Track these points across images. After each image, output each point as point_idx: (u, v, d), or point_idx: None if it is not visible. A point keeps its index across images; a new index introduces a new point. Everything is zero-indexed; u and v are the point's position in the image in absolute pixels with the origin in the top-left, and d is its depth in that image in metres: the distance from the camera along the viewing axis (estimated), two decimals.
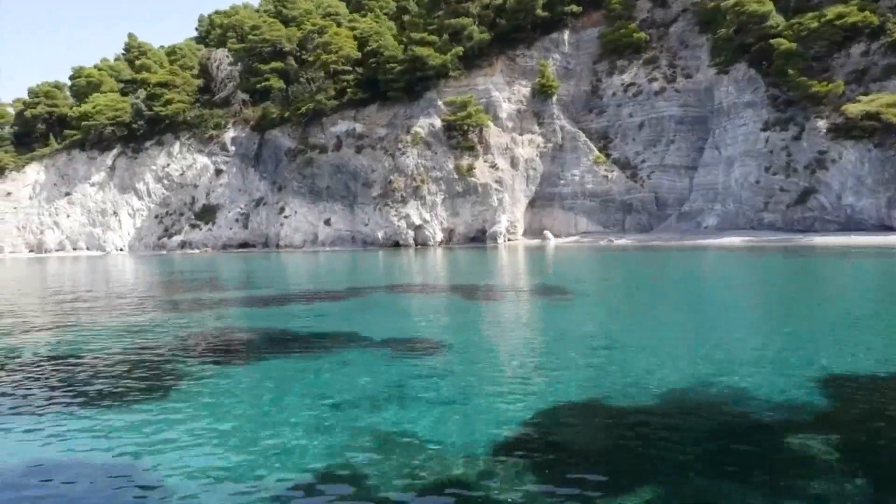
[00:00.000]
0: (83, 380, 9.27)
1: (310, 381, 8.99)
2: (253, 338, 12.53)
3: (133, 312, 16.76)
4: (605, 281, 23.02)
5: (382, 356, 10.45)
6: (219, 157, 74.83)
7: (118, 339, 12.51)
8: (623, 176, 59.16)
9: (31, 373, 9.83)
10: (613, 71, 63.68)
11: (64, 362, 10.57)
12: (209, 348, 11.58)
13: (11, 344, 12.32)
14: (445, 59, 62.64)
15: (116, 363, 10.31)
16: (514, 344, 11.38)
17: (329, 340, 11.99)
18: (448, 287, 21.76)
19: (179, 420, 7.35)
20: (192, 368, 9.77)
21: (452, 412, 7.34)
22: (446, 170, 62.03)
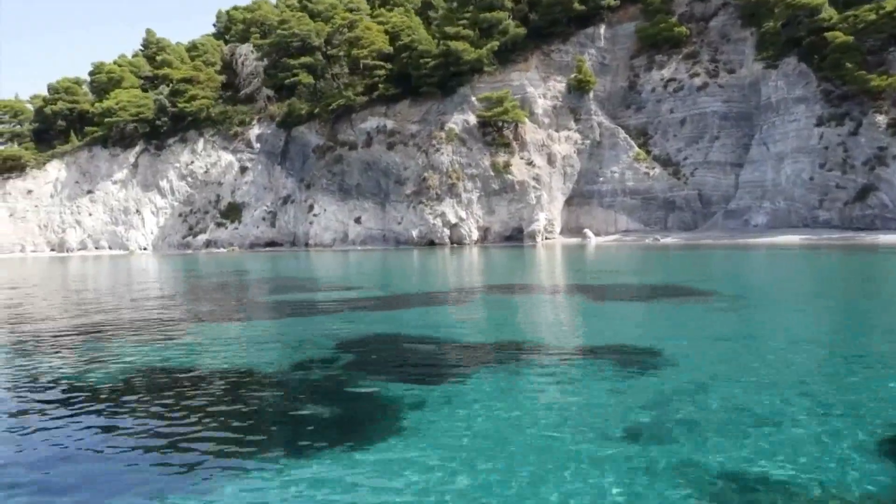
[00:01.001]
0: (276, 421, 7.70)
1: (552, 403, 7.61)
2: (432, 349, 11.12)
3: (253, 318, 15.39)
4: (726, 281, 21.58)
5: (612, 368, 9.09)
6: (244, 154, 73.44)
7: (272, 357, 11.13)
8: (665, 173, 57.82)
9: (221, 412, 8.45)
10: (652, 66, 62.32)
11: (235, 392, 9.20)
12: (391, 364, 10.20)
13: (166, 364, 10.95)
14: (481, 54, 61.27)
15: (298, 390, 8.87)
16: (741, 352, 10.01)
17: (521, 350, 10.62)
18: (562, 287, 20.33)
19: (419, 461, 5.81)
20: (391, 391, 8.35)
21: (800, 439, 5.98)
22: (482, 167, 60.67)
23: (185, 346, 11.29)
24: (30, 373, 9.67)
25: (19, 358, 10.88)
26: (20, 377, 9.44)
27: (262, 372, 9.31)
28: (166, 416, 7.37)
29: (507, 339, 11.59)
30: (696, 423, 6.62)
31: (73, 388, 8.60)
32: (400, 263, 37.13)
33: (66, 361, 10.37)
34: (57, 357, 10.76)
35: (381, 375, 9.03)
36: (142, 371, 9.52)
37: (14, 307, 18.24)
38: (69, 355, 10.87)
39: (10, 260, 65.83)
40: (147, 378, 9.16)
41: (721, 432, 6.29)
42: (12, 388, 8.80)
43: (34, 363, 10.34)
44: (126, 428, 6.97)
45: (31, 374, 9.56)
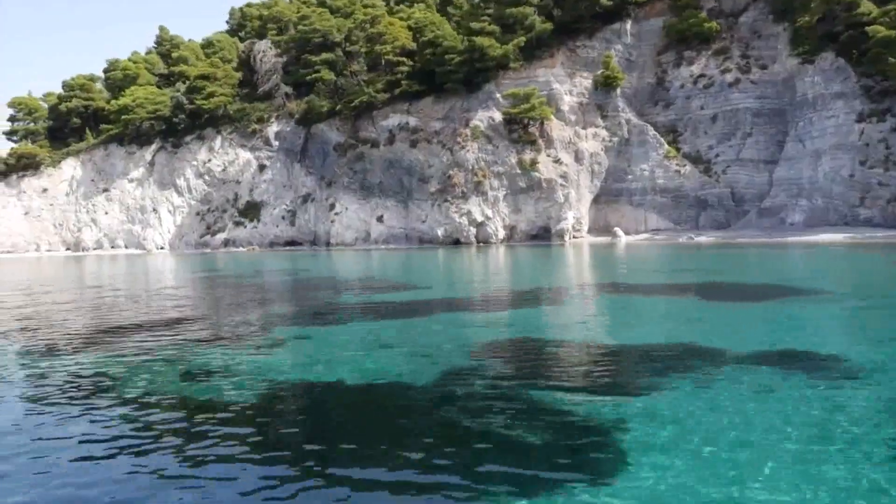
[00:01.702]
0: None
1: (775, 415, 6.65)
2: (584, 354, 10.15)
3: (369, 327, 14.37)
4: (822, 279, 20.54)
5: (810, 377, 8.12)
6: (262, 152, 72.42)
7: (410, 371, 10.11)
8: (696, 171, 56.85)
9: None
10: (681, 62, 61.34)
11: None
12: (555, 372, 9.21)
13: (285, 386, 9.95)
14: (507, 50, 60.27)
15: (473, 406, 7.88)
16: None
17: (690, 356, 9.63)
18: (654, 286, 19.29)
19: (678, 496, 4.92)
20: (582, 406, 7.37)
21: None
22: (508, 164, 59.65)
23: (299, 355, 10.28)
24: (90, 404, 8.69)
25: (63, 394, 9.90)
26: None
27: (413, 384, 8.29)
28: (324, 431, 6.40)
29: (659, 342, 10.60)
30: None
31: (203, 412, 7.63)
32: (442, 262, 36.15)
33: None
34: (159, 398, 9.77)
35: (556, 386, 8.05)
36: (257, 379, 8.52)
37: (27, 324, 17.18)
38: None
39: (25, 259, 64.85)
40: (272, 391, 8.16)
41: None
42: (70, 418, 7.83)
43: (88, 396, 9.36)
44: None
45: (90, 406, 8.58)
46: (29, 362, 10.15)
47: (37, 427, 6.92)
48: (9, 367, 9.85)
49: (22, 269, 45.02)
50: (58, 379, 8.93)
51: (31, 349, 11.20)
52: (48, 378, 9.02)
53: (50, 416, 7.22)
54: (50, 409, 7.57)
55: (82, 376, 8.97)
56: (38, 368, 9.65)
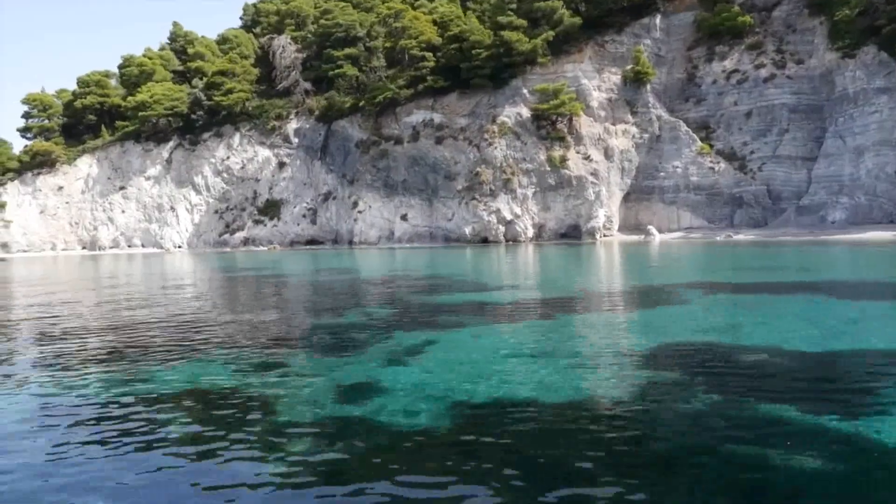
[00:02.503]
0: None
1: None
2: (803, 364, 8.94)
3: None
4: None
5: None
6: (281, 150, 71.28)
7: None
8: (731, 168, 55.67)
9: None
10: (712, 57, 60.16)
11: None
12: (795, 389, 7.99)
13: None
14: (536, 44, 59.11)
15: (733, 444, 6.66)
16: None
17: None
18: (766, 286, 18.00)
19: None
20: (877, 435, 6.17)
21: None
22: (537, 161, 58.47)
23: (442, 367, 9.05)
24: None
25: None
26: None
27: (602, 398, 6.99)
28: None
29: (862, 347, 9.39)
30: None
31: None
32: (490, 260, 34.91)
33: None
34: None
35: (794, 401, 6.78)
36: (415, 395, 7.30)
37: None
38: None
39: (40, 259, 63.60)
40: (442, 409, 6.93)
41: None
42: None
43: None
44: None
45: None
46: (94, 369, 8.97)
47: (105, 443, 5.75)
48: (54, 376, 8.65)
49: (39, 268, 43.80)
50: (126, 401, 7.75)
51: (92, 355, 10.05)
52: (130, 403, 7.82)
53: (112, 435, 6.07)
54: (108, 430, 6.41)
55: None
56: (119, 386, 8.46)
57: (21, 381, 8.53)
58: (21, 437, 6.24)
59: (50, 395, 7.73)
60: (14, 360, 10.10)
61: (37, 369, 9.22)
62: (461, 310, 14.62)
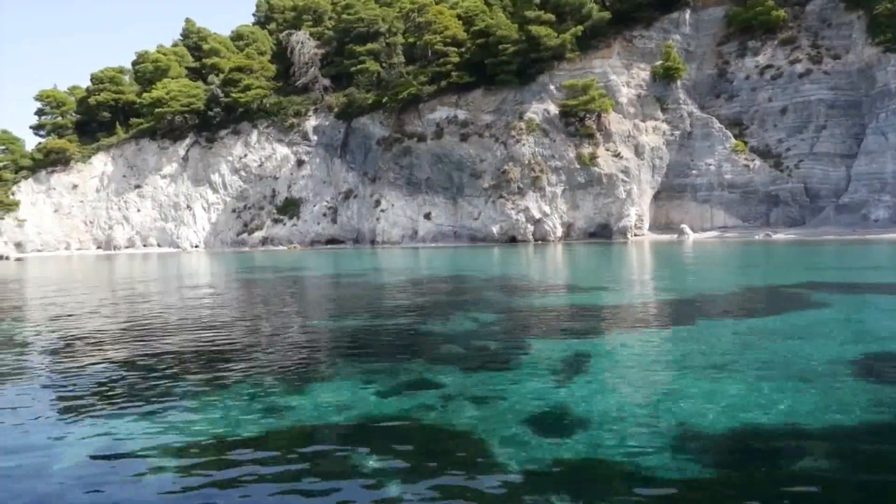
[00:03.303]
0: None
1: None
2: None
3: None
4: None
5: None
6: (300, 147, 69.94)
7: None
8: (766, 165, 54.38)
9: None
10: (744, 52, 58.87)
11: None
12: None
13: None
14: (565, 39, 57.77)
15: None
16: None
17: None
18: (871, 286, 16.80)
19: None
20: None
21: None
22: (566, 159, 57.18)
23: (623, 383, 7.74)
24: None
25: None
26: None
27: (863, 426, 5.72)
28: None
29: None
30: None
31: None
32: (542, 260, 33.61)
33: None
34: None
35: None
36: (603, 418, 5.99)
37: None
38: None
39: (55, 258, 62.24)
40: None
41: None
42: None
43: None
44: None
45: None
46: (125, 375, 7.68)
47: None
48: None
49: (56, 268, 42.48)
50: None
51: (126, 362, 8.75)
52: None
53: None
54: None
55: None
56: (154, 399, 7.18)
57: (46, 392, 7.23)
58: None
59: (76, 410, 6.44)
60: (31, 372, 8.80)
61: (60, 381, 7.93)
62: (578, 314, 13.31)
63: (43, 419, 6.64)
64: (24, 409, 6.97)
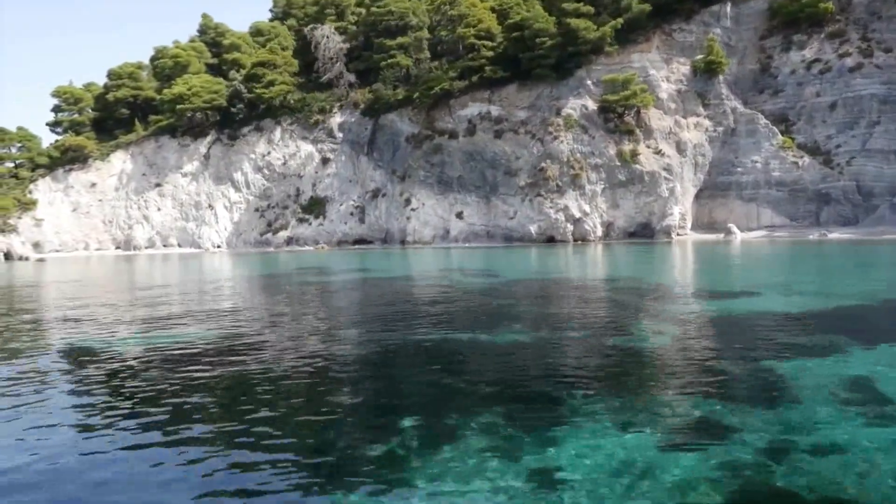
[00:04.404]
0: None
1: None
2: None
3: None
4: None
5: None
6: (325, 144, 68.03)
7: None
8: (815, 162, 52.53)
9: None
10: (789, 46, 57.03)
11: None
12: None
13: None
14: (605, 32, 55.95)
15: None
16: None
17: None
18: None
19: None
20: None
21: None
22: (606, 156, 55.33)
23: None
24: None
25: None
26: None
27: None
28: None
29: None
30: None
31: None
32: (624, 260, 31.76)
33: None
34: None
35: None
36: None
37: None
38: None
39: (74, 259, 60.31)
40: None
41: None
42: None
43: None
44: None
45: None
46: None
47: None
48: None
49: (79, 269, 40.61)
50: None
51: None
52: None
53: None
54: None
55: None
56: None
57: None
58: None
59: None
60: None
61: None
62: (779, 325, 11.42)
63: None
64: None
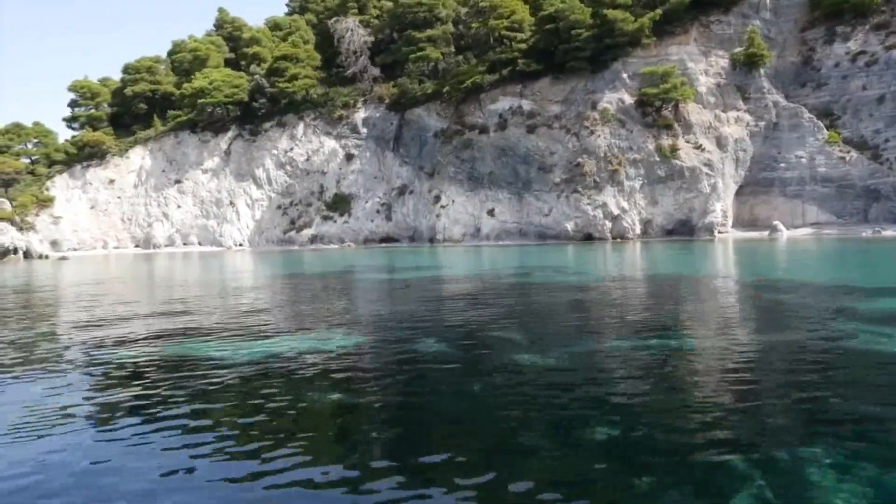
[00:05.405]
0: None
1: None
2: None
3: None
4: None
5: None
6: (349, 140, 66.37)
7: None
8: (863, 157, 50.89)
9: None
10: (833, 38, 55.38)
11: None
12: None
13: None
14: (643, 24, 54.26)
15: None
16: None
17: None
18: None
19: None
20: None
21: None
22: (645, 151, 53.69)
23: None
24: None
25: None
26: None
27: None
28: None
29: None
30: None
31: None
32: (703, 258, 30.10)
33: None
34: None
35: None
36: None
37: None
38: None
39: (93, 258, 58.65)
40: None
41: None
42: None
43: None
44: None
45: None
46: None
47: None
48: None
49: (98, 268, 38.95)
50: None
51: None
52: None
53: None
54: None
55: None
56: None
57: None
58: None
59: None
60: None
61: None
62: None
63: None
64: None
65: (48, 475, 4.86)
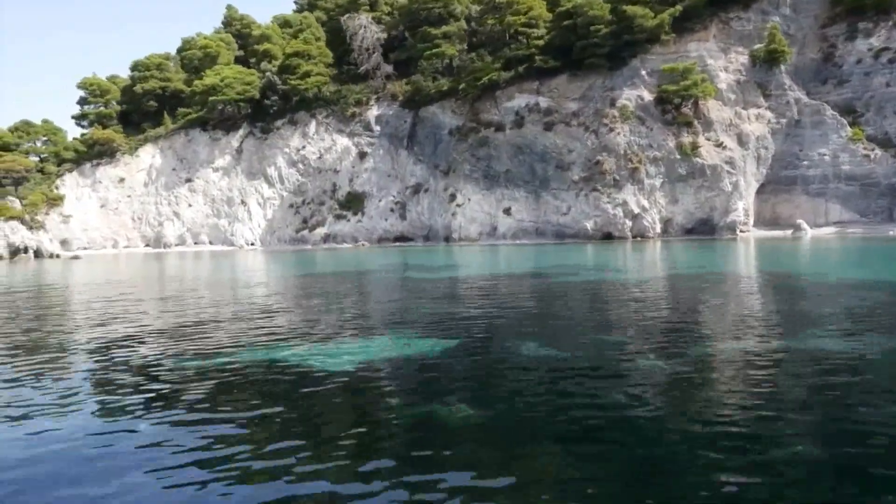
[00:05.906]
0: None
1: None
2: None
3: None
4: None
5: None
6: (362, 138, 65.61)
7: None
8: (887, 155, 50.20)
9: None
10: (855, 35, 54.64)
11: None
12: None
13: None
14: (663, 19, 53.55)
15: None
16: None
17: None
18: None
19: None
20: None
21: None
22: (666, 149, 52.95)
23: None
24: None
25: None
26: None
27: None
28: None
29: None
30: None
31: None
32: (745, 258, 29.37)
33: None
34: None
35: None
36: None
37: None
38: None
39: (103, 257, 57.89)
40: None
41: None
42: None
43: None
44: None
45: None
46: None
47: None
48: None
49: (108, 268, 38.20)
50: None
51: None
52: None
53: None
54: None
55: None
56: None
57: None
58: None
59: None
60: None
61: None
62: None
63: None
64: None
65: (54, 465, 5.07)
